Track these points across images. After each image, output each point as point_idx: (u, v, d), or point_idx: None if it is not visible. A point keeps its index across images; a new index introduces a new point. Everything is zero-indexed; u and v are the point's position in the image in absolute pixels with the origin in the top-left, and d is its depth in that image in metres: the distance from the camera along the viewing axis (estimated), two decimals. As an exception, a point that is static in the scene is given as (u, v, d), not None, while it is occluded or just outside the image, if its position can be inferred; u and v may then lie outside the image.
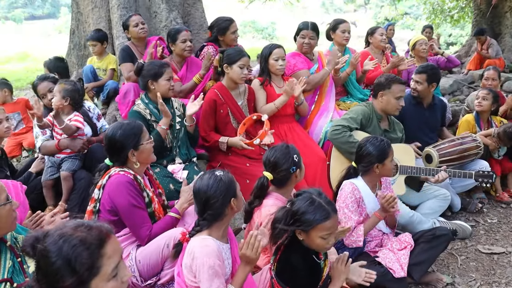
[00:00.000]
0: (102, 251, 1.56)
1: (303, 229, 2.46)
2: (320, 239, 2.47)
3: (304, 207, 2.48)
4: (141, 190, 2.96)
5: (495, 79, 5.96)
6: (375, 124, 4.33)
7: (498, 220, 4.71)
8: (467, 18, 15.76)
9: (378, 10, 36.91)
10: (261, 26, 35.11)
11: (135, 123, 3.06)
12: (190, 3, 6.22)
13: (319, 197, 2.52)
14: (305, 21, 5.17)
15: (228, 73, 4.25)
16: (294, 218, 2.48)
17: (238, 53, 4.27)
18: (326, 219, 2.44)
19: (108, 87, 5.56)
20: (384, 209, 3.22)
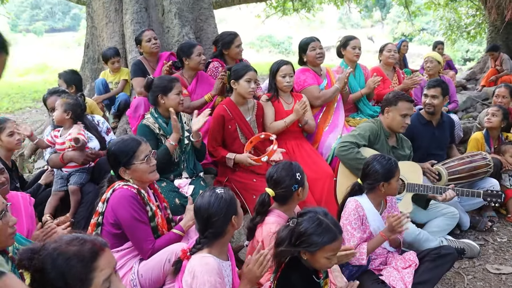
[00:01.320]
0: (95, 264, 1.62)
1: (309, 250, 2.46)
2: (324, 259, 2.47)
3: (312, 229, 2.46)
4: (145, 204, 2.99)
5: (505, 97, 5.92)
6: (383, 141, 4.32)
7: (508, 239, 4.65)
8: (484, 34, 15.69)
9: (395, 26, 36.87)
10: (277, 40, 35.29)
11: (132, 140, 3.07)
12: (203, 19, 6.30)
13: (326, 217, 2.51)
14: (305, 38, 5.22)
15: (236, 89, 4.29)
16: (301, 240, 2.46)
17: (244, 68, 4.31)
18: (333, 240, 2.44)
19: (119, 99, 5.63)
20: (391, 229, 3.20)
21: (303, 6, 16.75)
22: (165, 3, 5.99)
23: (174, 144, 3.91)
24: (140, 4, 5.90)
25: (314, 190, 4.19)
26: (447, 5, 17.05)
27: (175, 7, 5.91)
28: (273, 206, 3.09)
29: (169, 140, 3.91)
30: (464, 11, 17.91)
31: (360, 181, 3.45)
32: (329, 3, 16.97)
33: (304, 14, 17.49)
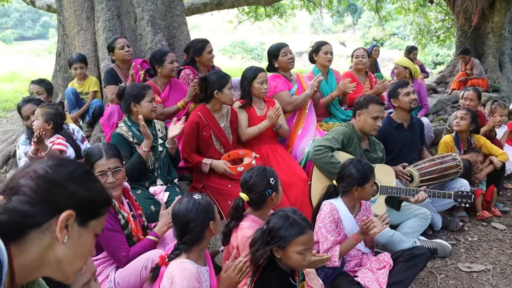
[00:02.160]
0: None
1: (280, 245, 2.50)
2: (296, 255, 2.50)
3: (279, 223, 2.52)
4: (116, 213, 2.98)
5: (473, 100, 6.08)
6: (356, 144, 4.39)
7: (479, 238, 4.77)
8: (453, 38, 16.01)
9: (366, 31, 37.39)
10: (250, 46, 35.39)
11: (95, 150, 3.03)
12: (176, 26, 6.30)
13: (294, 214, 2.57)
14: (275, 44, 5.26)
15: (219, 98, 4.28)
16: (271, 236, 2.52)
17: (225, 77, 4.32)
18: (301, 233, 2.49)
19: (93, 106, 5.59)
20: (363, 231, 3.26)
21: (275, 12, 16.87)
22: (137, 11, 5.98)
23: (147, 151, 3.90)
24: (112, 12, 5.87)
25: (289, 194, 4.22)
26: (417, 10, 17.37)
27: (148, 15, 5.91)
28: (247, 211, 3.12)
29: (141, 147, 3.91)
30: (433, 16, 18.28)
31: (336, 183, 3.51)
32: (301, 9, 17.12)
33: (276, 19, 17.60)
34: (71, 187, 1.27)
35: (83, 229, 1.30)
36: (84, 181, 1.31)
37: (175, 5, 6.29)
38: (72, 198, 1.26)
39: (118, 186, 3.03)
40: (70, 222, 1.24)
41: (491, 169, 5.38)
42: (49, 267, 1.28)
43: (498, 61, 11.18)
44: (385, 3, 17.49)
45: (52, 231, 1.23)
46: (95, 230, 1.36)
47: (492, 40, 11.04)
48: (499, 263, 4.27)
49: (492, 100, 8.35)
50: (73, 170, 1.30)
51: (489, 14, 10.74)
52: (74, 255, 1.30)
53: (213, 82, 4.25)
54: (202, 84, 4.30)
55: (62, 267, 1.29)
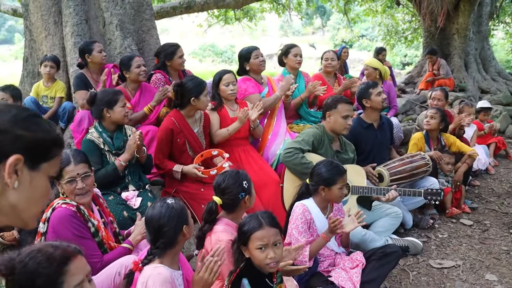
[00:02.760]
0: (65, 268, 1.66)
1: (243, 242, 2.57)
2: (257, 252, 2.55)
3: (243, 221, 2.62)
4: (85, 221, 2.95)
5: (441, 100, 6.21)
6: (326, 146, 4.43)
7: (449, 235, 4.86)
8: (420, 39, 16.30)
9: (335, 33, 37.74)
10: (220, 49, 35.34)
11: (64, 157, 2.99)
12: (145, 30, 6.28)
13: (261, 213, 2.65)
14: (246, 47, 5.28)
15: (195, 105, 4.26)
16: (238, 234, 2.61)
17: (202, 84, 4.30)
18: (258, 228, 2.55)
19: (65, 110, 5.50)
20: (331, 230, 3.29)
21: (245, 15, 16.91)
22: (105, 15, 5.93)
23: (124, 164, 3.88)
24: (80, 16, 5.81)
25: (262, 197, 4.25)
26: (385, 11, 17.64)
27: (116, 19, 5.87)
28: (221, 215, 3.12)
29: (119, 159, 3.88)
30: (400, 17, 18.58)
31: (309, 181, 3.54)
32: (271, 12, 17.21)
33: (246, 23, 17.64)
34: (16, 131, 1.23)
35: (34, 172, 1.28)
36: (28, 124, 1.28)
37: (144, 9, 6.26)
38: (18, 142, 1.23)
39: (88, 192, 3.00)
40: (19, 166, 1.22)
41: (466, 168, 5.52)
42: (5, 215, 1.27)
43: (464, 61, 11.44)
44: (354, 5, 17.72)
45: (1, 177, 1.20)
46: (48, 172, 1.34)
47: (457, 41, 11.28)
48: (469, 258, 4.36)
49: (460, 99, 8.53)
50: (16, 114, 1.27)
51: (454, 16, 10.99)
52: (28, 200, 1.28)
53: (190, 89, 4.22)
54: (178, 91, 4.27)
55: (18, 213, 1.28)
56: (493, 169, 6.89)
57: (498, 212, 5.43)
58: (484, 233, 4.89)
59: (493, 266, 4.22)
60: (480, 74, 11.69)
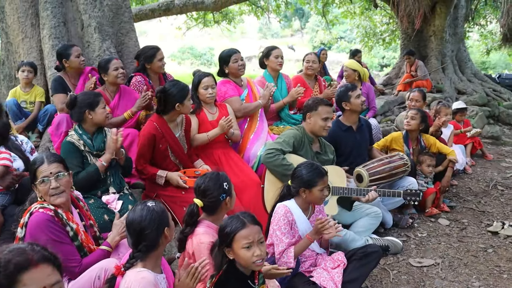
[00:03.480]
0: (18, 277, 1.62)
1: (227, 244, 2.57)
2: (244, 251, 2.57)
3: (224, 223, 2.63)
4: (64, 225, 2.92)
5: (419, 101, 6.31)
6: (307, 147, 4.46)
7: (428, 234, 4.93)
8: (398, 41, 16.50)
9: (314, 35, 37.92)
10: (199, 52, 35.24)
11: (38, 158, 3.00)
12: (124, 33, 6.23)
13: (241, 213, 2.68)
14: (226, 50, 5.28)
15: (179, 110, 4.23)
16: (219, 237, 2.61)
17: (185, 88, 4.27)
18: (242, 227, 2.57)
19: (47, 112, 5.40)
20: (316, 231, 3.32)
21: (223, 18, 16.93)
22: (84, 17, 5.88)
23: (105, 165, 3.86)
24: (58, 19, 5.75)
25: (242, 198, 4.25)
26: (363, 13, 17.81)
27: (95, 21, 5.82)
28: (202, 217, 3.12)
29: (100, 160, 3.85)
30: (378, 19, 18.77)
31: (290, 183, 3.56)
32: (249, 14, 17.26)
33: (225, 25, 17.66)
34: None
35: None
36: None
37: (123, 11, 6.22)
38: None
39: (63, 193, 2.96)
40: None
41: (451, 172, 5.64)
42: None
43: (441, 62, 11.59)
44: (332, 8, 17.85)
45: None
46: None
47: (434, 43, 11.44)
48: (447, 256, 4.43)
49: (437, 100, 8.65)
50: None
51: (431, 18, 11.14)
52: None
53: (174, 95, 4.16)
54: (162, 97, 4.20)
55: None
56: (470, 168, 7.00)
57: (475, 211, 5.52)
58: (462, 232, 4.97)
59: (471, 263, 4.30)
60: (456, 75, 11.86)
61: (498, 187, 6.34)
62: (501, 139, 8.89)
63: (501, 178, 6.73)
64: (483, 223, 5.18)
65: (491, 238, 4.83)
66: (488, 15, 17.86)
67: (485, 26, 19.08)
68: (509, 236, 4.81)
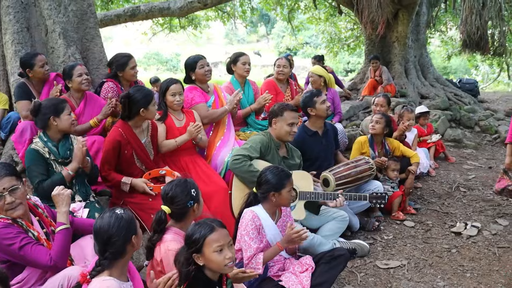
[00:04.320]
0: None
1: (197, 250, 2.57)
2: (215, 255, 2.58)
3: (191, 230, 2.63)
4: (25, 231, 2.88)
5: (383, 106, 6.43)
6: (273, 152, 4.49)
7: (394, 236, 5.01)
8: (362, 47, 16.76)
9: (280, 40, 38.19)
10: (165, 58, 35.06)
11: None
12: (89, 38, 6.15)
13: (206, 219, 2.69)
14: (192, 56, 5.28)
15: (144, 115, 4.21)
16: (187, 244, 2.60)
17: (149, 94, 4.25)
18: (211, 231, 2.58)
19: (10, 120, 5.26)
20: (289, 240, 3.35)
21: (190, 23, 16.89)
22: (48, 23, 5.77)
23: (72, 174, 3.81)
24: (21, 24, 5.64)
25: (210, 205, 4.25)
26: (328, 19, 18.04)
27: (59, 27, 5.73)
28: (169, 224, 3.11)
29: (67, 168, 3.80)
30: (343, 25, 19.03)
31: (255, 190, 3.58)
32: (216, 20, 17.27)
33: (191, 31, 17.62)
34: None
35: None
36: None
37: (88, 17, 6.14)
38: None
39: (19, 206, 2.91)
40: None
41: (414, 175, 5.73)
42: None
43: (404, 68, 11.82)
44: (297, 14, 18.01)
45: None
46: None
47: (397, 49, 11.65)
48: (413, 258, 4.52)
49: (401, 105, 8.81)
50: None
51: (394, 25, 11.35)
52: None
53: (138, 101, 4.14)
54: (126, 103, 4.18)
55: None
56: (434, 171, 7.15)
57: (440, 212, 5.65)
58: (427, 233, 5.08)
59: (435, 264, 4.40)
60: (419, 80, 12.10)
61: (461, 188, 6.50)
62: (463, 142, 9.11)
63: (464, 180, 6.90)
64: (447, 224, 5.31)
65: (455, 238, 4.95)
66: (448, 22, 18.35)
67: (446, 32, 19.60)
68: (472, 236, 4.94)
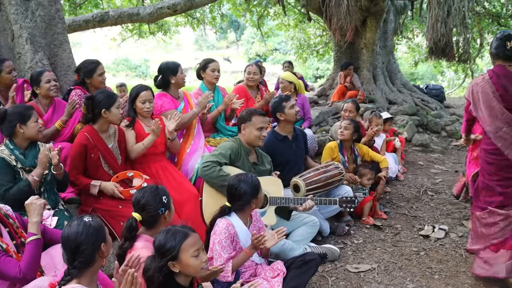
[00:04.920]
0: None
1: (173, 258, 2.57)
2: (193, 259, 2.59)
3: (163, 238, 2.61)
4: None
5: (352, 111, 6.51)
6: (243, 158, 4.50)
7: (364, 240, 5.08)
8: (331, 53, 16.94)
9: (250, 46, 38.28)
10: (134, 64, 34.76)
11: None
12: (57, 44, 6.08)
13: (174, 226, 2.70)
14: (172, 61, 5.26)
15: (106, 117, 4.19)
16: (160, 254, 2.58)
17: (112, 95, 4.25)
18: (186, 237, 2.61)
19: None
20: (254, 246, 3.40)
21: (159, 29, 16.81)
22: (14, 28, 5.68)
23: (37, 180, 3.75)
24: (-14, 29, 5.56)
25: (181, 212, 4.23)
26: (297, 26, 18.19)
27: (26, 32, 5.64)
28: (140, 231, 3.09)
29: (32, 175, 3.74)
30: (312, 32, 19.21)
31: (229, 204, 3.58)
32: (185, 26, 17.24)
33: (160, 36, 17.54)
34: None
35: None
36: None
37: (56, 22, 6.06)
38: None
39: None
40: None
41: (384, 180, 5.83)
42: None
43: (372, 74, 11.99)
44: (267, 20, 18.12)
45: None
46: None
47: (365, 55, 11.82)
48: (383, 261, 4.59)
49: (369, 110, 8.95)
50: None
51: (362, 31, 11.51)
52: None
53: (100, 101, 4.15)
54: (89, 104, 4.18)
55: None
56: (402, 175, 7.27)
57: (408, 216, 5.75)
58: (396, 236, 5.16)
59: (405, 266, 4.47)
60: (387, 86, 12.29)
61: (428, 192, 6.63)
62: (430, 146, 9.29)
63: (431, 183, 7.03)
64: (415, 227, 5.41)
65: (423, 241, 5.04)
66: (415, 29, 18.72)
67: (413, 39, 19.98)
68: (439, 238, 5.05)
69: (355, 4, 9.86)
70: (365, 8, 10.80)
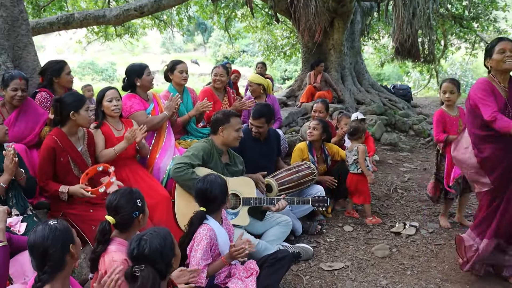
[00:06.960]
0: None
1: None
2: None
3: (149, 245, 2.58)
4: None
5: (322, 112, 6.54)
6: (216, 159, 4.47)
7: (336, 238, 5.12)
8: (299, 54, 17.04)
9: (217, 49, 38.23)
10: (100, 67, 34.30)
11: None
12: (21, 46, 5.92)
13: (147, 231, 2.68)
14: (138, 64, 5.21)
15: (75, 120, 4.10)
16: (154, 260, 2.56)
17: (81, 98, 4.17)
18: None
19: None
20: (232, 256, 3.41)
21: (126, 31, 16.62)
22: (-25, 30, 5.54)
23: (4, 186, 3.64)
24: None
25: (153, 215, 4.17)
26: (264, 28, 18.25)
27: (-12, 34, 5.50)
28: (113, 234, 3.03)
29: None
30: (279, 33, 19.31)
31: (204, 209, 3.54)
32: (152, 28, 17.10)
33: (127, 39, 17.35)
34: None
35: None
36: None
37: (20, 24, 5.91)
38: None
39: None
40: None
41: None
42: None
43: (340, 74, 12.12)
44: (234, 22, 18.11)
45: None
46: None
47: (333, 56, 11.95)
48: (356, 258, 4.64)
49: (338, 111, 9.03)
50: None
51: (330, 32, 11.64)
52: None
53: (69, 104, 4.06)
54: (57, 106, 4.08)
55: None
56: (372, 174, 7.34)
57: (379, 214, 5.83)
58: (368, 234, 5.22)
59: (378, 263, 4.53)
60: (355, 87, 12.45)
61: (398, 190, 6.73)
62: (399, 145, 9.44)
63: (400, 182, 7.14)
64: (387, 224, 5.48)
65: (395, 238, 5.11)
66: (381, 30, 19.01)
67: (379, 40, 20.26)
68: (410, 235, 5.13)
69: (323, 5, 9.95)
70: (332, 9, 10.92)
